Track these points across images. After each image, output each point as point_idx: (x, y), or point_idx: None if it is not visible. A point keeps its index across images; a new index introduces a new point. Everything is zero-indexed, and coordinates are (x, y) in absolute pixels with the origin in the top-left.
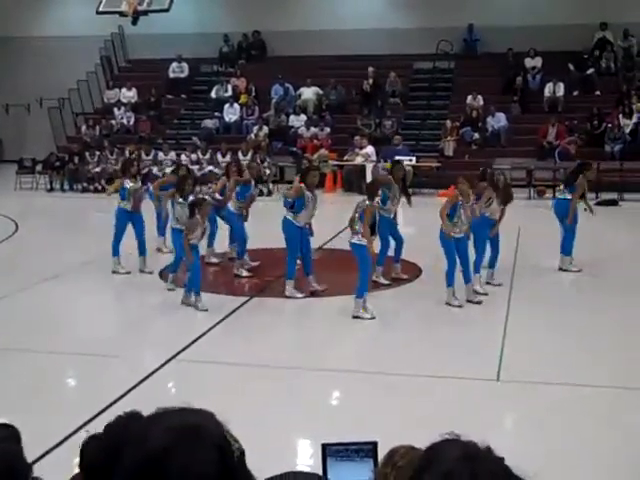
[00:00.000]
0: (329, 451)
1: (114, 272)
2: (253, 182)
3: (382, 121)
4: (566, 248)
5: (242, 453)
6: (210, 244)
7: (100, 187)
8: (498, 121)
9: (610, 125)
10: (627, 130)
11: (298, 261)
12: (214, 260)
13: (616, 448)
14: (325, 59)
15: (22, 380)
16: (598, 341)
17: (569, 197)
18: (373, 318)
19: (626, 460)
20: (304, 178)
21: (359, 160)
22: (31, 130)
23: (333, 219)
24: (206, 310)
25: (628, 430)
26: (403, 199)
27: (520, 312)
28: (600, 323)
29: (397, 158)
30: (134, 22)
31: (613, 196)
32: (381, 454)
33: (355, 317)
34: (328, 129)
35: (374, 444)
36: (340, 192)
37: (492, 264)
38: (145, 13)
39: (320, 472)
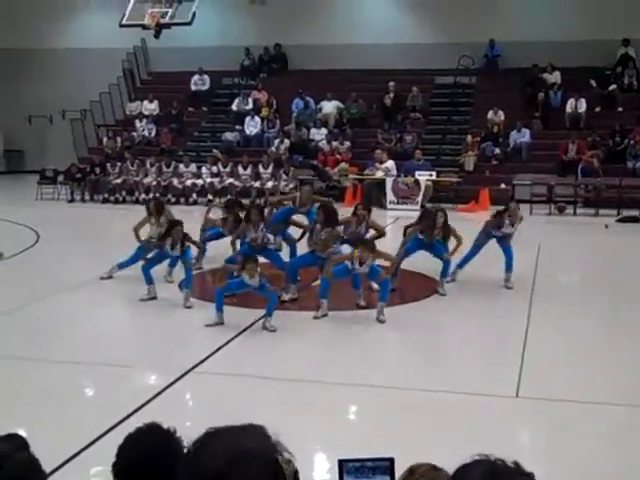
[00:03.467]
0: (345, 467)
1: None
2: None
3: (403, 136)
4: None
5: (295, 474)
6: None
7: (121, 198)
8: (522, 136)
9: (632, 142)
10: None
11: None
12: None
13: (636, 467)
14: (346, 73)
15: (39, 389)
16: (619, 358)
17: None
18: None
19: None
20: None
21: (379, 174)
22: (53, 141)
23: None
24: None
25: None
26: None
27: (540, 327)
28: (621, 340)
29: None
30: (157, 35)
31: (635, 213)
32: (398, 471)
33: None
34: (348, 143)
35: (391, 460)
36: None
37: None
38: (168, 26)
39: None
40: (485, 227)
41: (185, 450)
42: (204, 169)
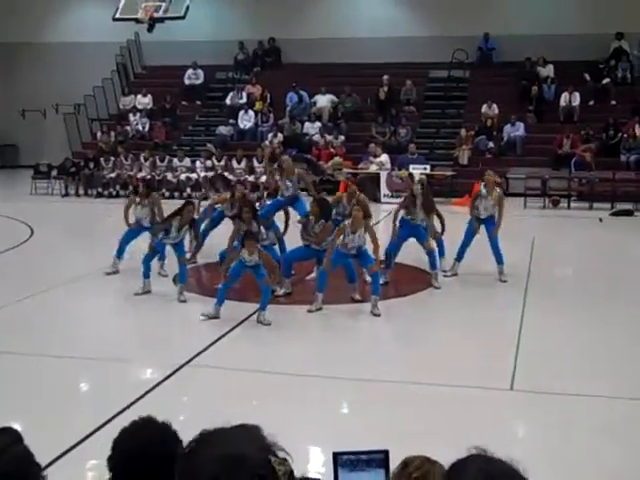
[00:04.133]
0: (340, 460)
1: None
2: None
3: (397, 129)
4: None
5: (290, 473)
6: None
7: (115, 192)
8: (516, 130)
9: (626, 135)
10: None
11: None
12: None
13: (632, 462)
14: (340, 67)
15: (33, 383)
16: (613, 351)
17: None
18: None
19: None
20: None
21: (373, 168)
22: (47, 136)
23: None
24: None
25: None
26: None
27: (534, 320)
28: (615, 333)
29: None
30: (150, 29)
31: (628, 206)
32: (392, 463)
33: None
34: (343, 137)
35: (385, 453)
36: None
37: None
38: (161, 20)
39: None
40: (470, 209)
41: (179, 448)
42: (198, 163)
